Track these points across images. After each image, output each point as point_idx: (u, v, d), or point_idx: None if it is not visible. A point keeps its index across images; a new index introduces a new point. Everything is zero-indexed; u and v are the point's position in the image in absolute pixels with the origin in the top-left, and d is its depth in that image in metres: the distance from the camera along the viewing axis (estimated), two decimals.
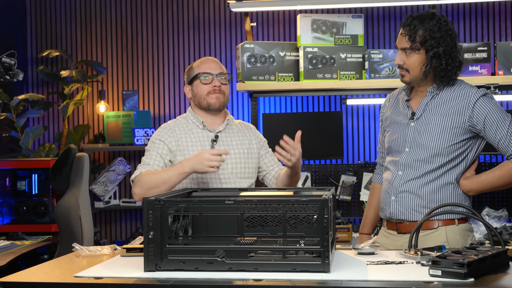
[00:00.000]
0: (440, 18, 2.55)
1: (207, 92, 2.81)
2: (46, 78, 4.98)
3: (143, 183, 2.63)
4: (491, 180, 2.54)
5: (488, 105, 2.52)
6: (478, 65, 4.06)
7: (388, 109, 2.79)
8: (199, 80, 2.82)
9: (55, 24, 5.22)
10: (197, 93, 2.84)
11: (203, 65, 2.85)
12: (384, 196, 2.67)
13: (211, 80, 2.81)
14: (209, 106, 2.82)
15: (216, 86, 2.81)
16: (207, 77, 2.81)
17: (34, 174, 4.22)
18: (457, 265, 1.86)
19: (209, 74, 2.82)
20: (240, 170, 2.82)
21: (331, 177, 4.49)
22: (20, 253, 3.43)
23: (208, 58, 2.90)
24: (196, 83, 2.84)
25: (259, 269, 1.98)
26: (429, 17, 2.54)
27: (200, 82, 2.82)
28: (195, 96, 2.85)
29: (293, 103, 4.87)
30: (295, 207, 2.02)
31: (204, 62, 2.87)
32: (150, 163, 2.73)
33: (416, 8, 4.62)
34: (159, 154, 2.75)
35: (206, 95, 2.81)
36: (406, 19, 2.57)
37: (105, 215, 5.18)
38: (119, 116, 4.92)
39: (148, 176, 2.63)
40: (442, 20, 2.55)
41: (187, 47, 5.07)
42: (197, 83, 2.83)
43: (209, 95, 2.81)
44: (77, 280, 1.98)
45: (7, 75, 2.79)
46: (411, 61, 2.56)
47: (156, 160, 2.74)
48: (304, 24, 4.20)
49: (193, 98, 2.87)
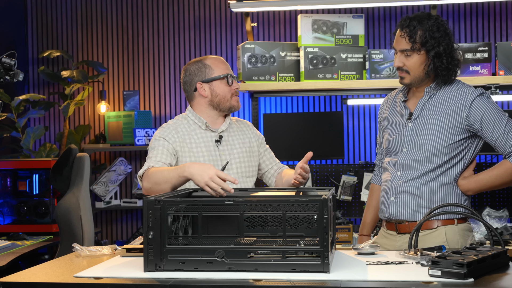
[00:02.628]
0: (437, 18, 2.57)
1: (231, 95, 2.79)
2: (47, 79, 4.98)
3: (150, 177, 2.55)
4: (489, 179, 2.54)
5: (485, 104, 2.52)
6: (479, 65, 4.06)
7: (386, 110, 2.79)
8: (226, 82, 2.78)
9: (56, 24, 5.23)
10: (220, 94, 2.78)
11: (222, 65, 2.81)
12: (383, 197, 2.68)
13: (232, 81, 2.80)
14: (230, 109, 2.80)
15: (237, 88, 2.80)
16: (231, 79, 2.79)
17: (35, 174, 4.22)
18: (457, 265, 1.86)
19: (232, 77, 2.80)
20: (245, 169, 2.81)
21: (332, 177, 4.49)
22: (21, 253, 3.43)
23: (221, 58, 2.85)
24: (217, 83, 2.78)
25: (258, 269, 1.98)
26: (426, 18, 2.55)
27: (225, 84, 2.78)
28: (216, 96, 2.78)
29: (294, 103, 4.87)
30: (295, 207, 2.02)
31: (222, 62, 2.82)
32: (157, 157, 2.65)
33: (417, 8, 4.62)
34: (165, 148, 2.69)
35: (230, 97, 2.79)
36: (403, 20, 2.57)
37: (106, 215, 5.18)
38: (120, 116, 4.92)
39: (155, 172, 2.55)
40: (439, 19, 2.57)
41: (188, 47, 5.07)
42: (220, 84, 2.78)
43: (233, 98, 2.80)
44: (77, 280, 1.98)
45: (7, 76, 2.79)
46: (411, 62, 2.56)
47: (164, 154, 2.67)
48: (305, 24, 4.20)
49: (211, 98, 2.79)
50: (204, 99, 2.80)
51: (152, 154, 2.68)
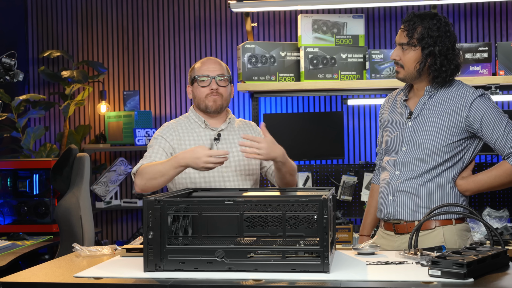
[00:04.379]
0: (441, 19, 2.56)
1: (206, 95, 2.83)
2: (47, 79, 4.99)
3: (143, 174, 2.64)
4: (488, 180, 2.54)
5: (485, 105, 2.52)
6: (479, 65, 4.06)
7: (386, 109, 2.79)
8: (197, 83, 2.85)
9: (56, 24, 5.23)
10: (196, 95, 2.86)
11: (203, 66, 2.86)
12: (382, 196, 2.67)
13: (209, 82, 2.82)
14: (206, 109, 2.84)
15: (213, 89, 2.82)
16: (205, 80, 2.83)
17: (35, 175, 4.22)
18: (457, 265, 1.86)
19: (207, 77, 2.83)
20: (244, 168, 2.83)
21: (332, 177, 4.49)
22: (21, 253, 3.43)
23: (209, 59, 2.90)
24: (195, 85, 2.86)
25: (258, 269, 1.98)
26: (430, 16, 2.55)
27: (198, 85, 2.84)
28: (195, 98, 2.88)
29: (294, 103, 4.87)
30: (294, 207, 2.02)
31: (204, 63, 2.87)
32: (152, 156, 2.75)
33: (417, 8, 4.62)
34: (161, 148, 2.77)
35: (204, 97, 2.83)
36: (407, 15, 2.59)
37: (106, 215, 5.18)
38: (120, 116, 4.92)
39: (148, 168, 2.63)
40: (442, 20, 2.56)
41: (188, 48, 5.07)
42: (196, 85, 2.86)
43: (207, 98, 2.83)
44: (77, 280, 1.98)
45: (7, 76, 2.79)
46: (406, 57, 2.57)
47: (158, 153, 2.75)
48: (305, 24, 4.20)
49: (193, 99, 2.90)
50: (193, 100, 2.92)
51: (148, 153, 2.78)
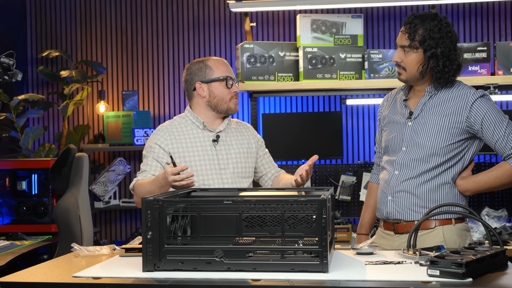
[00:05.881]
0: (442, 20, 2.55)
1: (230, 97, 2.80)
2: (46, 78, 4.98)
3: (137, 192, 2.68)
4: (488, 180, 2.54)
5: (486, 106, 2.52)
6: (478, 65, 4.06)
7: (385, 108, 2.79)
8: (225, 83, 2.79)
9: (55, 24, 5.22)
10: (218, 95, 2.79)
11: (223, 67, 2.82)
12: (381, 196, 2.67)
13: (232, 85, 2.81)
14: (228, 111, 2.81)
15: (236, 91, 2.81)
16: (231, 82, 2.80)
17: (34, 174, 4.22)
18: (455, 265, 1.86)
19: (232, 79, 2.81)
20: (241, 169, 2.82)
21: (331, 177, 4.49)
22: (20, 253, 3.43)
23: (223, 60, 2.86)
24: (216, 84, 2.79)
25: (257, 269, 1.98)
26: (430, 17, 2.55)
27: (224, 86, 2.79)
28: (214, 97, 2.80)
29: (293, 103, 4.87)
30: (293, 207, 2.02)
31: (223, 64, 2.83)
32: (146, 169, 2.74)
33: (416, 8, 4.62)
34: (155, 159, 2.75)
35: (229, 99, 2.80)
36: (408, 17, 2.58)
37: (105, 215, 5.18)
38: (119, 116, 4.92)
39: (140, 187, 2.66)
40: (443, 21, 2.55)
41: (187, 47, 5.07)
42: (219, 85, 2.79)
43: (232, 100, 2.80)
44: (75, 280, 1.98)
45: (5, 75, 2.79)
46: (408, 59, 2.56)
47: (153, 165, 2.74)
48: (304, 24, 4.20)
49: (209, 98, 2.81)
50: (202, 99, 2.82)
51: (143, 165, 2.77)
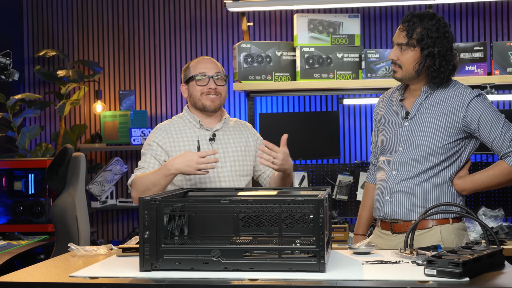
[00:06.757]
0: (440, 20, 2.56)
1: (202, 93, 2.81)
2: (43, 78, 4.98)
3: (137, 186, 2.66)
4: (485, 179, 2.54)
5: (482, 105, 2.53)
6: (475, 65, 4.06)
7: (382, 108, 2.79)
8: (195, 81, 2.82)
9: (52, 24, 5.22)
10: (192, 94, 2.83)
11: (199, 65, 2.84)
12: (378, 196, 2.68)
13: (207, 81, 2.81)
14: (204, 108, 2.82)
15: (211, 88, 2.80)
16: (202, 78, 2.81)
17: (31, 174, 4.21)
18: (452, 265, 1.86)
19: (205, 75, 2.81)
20: (239, 168, 2.82)
21: (328, 177, 4.49)
22: (17, 253, 3.43)
23: (204, 58, 2.89)
24: (192, 83, 2.84)
25: (254, 269, 1.98)
26: (429, 17, 2.55)
27: (195, 83, 2.82)
28: (190, 96, 2.85)
29: (290, 103, 4.87)
30: (290, 206, 2.02)
31: (201, 62, 2.86)
32: (145, 166, 2.75)
33: (413, 8, 4.63)
34: (153, 156, 2.76)
35: (201, 96, 2.81)
36: (406, 15, 2.59)
37: (102, 215, 5.18)
38: (115, 116, 4.91)
39: (141, 179, 2.66)
40: (441, 21, 2.56)
41: (184, 47, 5.07)
42: (193, 84, 2.83)
43: (204, 97, 2.81)
44: (72, 280, 1.98)
45: (2, 75, 2.79)
46: (405, 57, 2.57)
47: (151, 162, 2.75)
48: (301, 24, 4.20)
49: (189, 98, 2.87)
50: (188, 99, 2.90)
51: (141, 162, 2.78)
